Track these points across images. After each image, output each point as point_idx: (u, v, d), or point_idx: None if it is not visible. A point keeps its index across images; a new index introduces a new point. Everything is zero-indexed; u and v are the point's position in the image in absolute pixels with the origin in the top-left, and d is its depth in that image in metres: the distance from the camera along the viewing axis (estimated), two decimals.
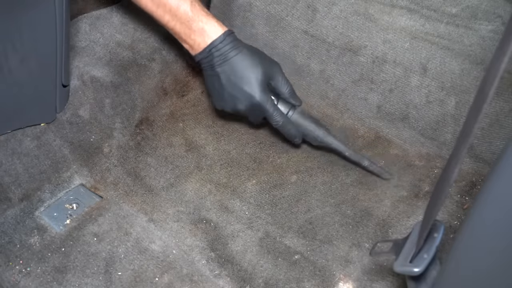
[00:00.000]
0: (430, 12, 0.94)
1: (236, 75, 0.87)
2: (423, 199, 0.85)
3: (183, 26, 0.88)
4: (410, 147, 0.94)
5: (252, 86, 0.87)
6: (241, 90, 0.87)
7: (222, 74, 0.88)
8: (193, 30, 0.88)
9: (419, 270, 0.57)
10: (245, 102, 0.88)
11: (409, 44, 0.95)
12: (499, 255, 0.45)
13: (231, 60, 0.88)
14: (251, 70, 0.87)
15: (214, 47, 0.88)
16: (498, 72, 0.39)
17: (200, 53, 0.89)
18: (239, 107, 0.89)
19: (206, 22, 0.88)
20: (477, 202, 0.45)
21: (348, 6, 1.01)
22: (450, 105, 0.91)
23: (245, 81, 0.87)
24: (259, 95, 0.87)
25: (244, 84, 0.87)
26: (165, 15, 0.89)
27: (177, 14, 0.88)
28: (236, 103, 0.89)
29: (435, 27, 0.93)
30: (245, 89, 0.87)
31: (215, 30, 0.88)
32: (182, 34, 0.89)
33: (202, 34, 0.88)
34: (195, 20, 0.88)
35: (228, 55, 0.88)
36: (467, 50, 0.91)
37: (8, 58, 0.82)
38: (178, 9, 0.87)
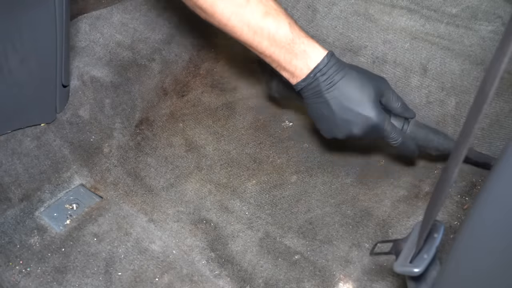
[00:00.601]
0: (430, 12, 0.94)
1: (348, 99, 0.79)
2: (423, 199, 0.85)
3: (283, 50, 0.80)
4: None
5: (366, 108, 0.79)
6: (355, 114, 0.80)
7: (332, 100, 0.80)
8: (295, 53, 0.79)
9: (419, 271, 0.57)
10: (362, 125, 0.80)
11: (409, 45, 0.95)
12: (499, 255, 0.45)
13: (339, 83, 0.80)
14: (362, 90, 0.80)
15: (319, 71, 0.79)
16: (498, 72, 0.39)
17: (303, 79, 0.80)
18: (355, 131, 0.81)
19: (307, 44, 0.80)
20: (477, 202, 0.45)
21: (348, 6, 1.01)
22: (450, 106, 0.91)
23: (358, 104, 0.79)
24: (376, 115, 0.80)
25: (358, 107, 0.79)
26: (263, 41, 0.80)
27: (276, 39, 0.79)
28: (351, 128, 0.81)
29: (435, 28, 0.93)
30: (360, 112, 0.79)
31: (318, 53, 0.80)
32: (282, 61, 0.81)
33: (304, 58, 0.80)
34: (296, 42, 0.79)
35: (335, 78, 0.79)
36: (467, 50, 0.91)
37: (8, 58, 0.82)
38: (277, 32, 0.79)
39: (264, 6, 0.80)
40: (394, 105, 0.83)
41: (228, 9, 0.80)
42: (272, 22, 0.79)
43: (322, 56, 0.79)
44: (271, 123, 1.02)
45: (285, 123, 1.03)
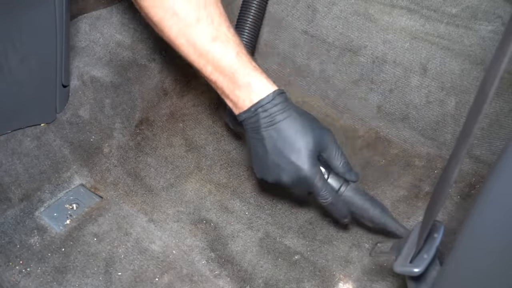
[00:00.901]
0: (430, 12, 0.94)
1: (284, 142, 0.75)
2: (423, 200, 0.85)
3: (227, 79, 0.77)
4: (410, 147, 0.94)
5: (300, 157, 0.74)
6: (287, 160, 0.75)
7: (268, 139, 0.76)
8: (238, 84, 0.76)
9: (419, 271, 0.57)
10: (291, 174, 0.75)
11: (409, 44, 0.95)
12: (499, 255, 0.46)
13: (279, 124, 0.75)
14: (300, 138, 0.75)
15: (260, 107, 0.75)
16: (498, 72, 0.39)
17: (244, 112, 0.76)
18: (284, 179, 0.76)
19: (253, 76, 0.76)
20: (477, 202, 0.45)
21: (348, 6, 1.01)
22: (450, 105, 0.91)
23: (293, 150, 0.75)
24: (308, 167, 0.74)
25: (292, 154, 0.75)
26: (208, 66, 0.77)
27: (221, 66, 0.76)
28: (280, 174, 0.76)
29: (435, 27, 0.93)
30: (292, 160, 0.74)
31: (263, 88, 0.76)
32: (225, 89, 0.78)
33: (247, 90, 0.76)
34: (240, 73, 0.76)
35: (276, 118, 0.75)
36: (467, 50, 0.91)
37: (8, 58, 0.82)
38: (222, 59, 0.76)
39: (214, 30, 0.76)
40: (336, 163, 0.77)
41: (176, 27, 0.77)
42: (219, 47, 0.76)
43: (267, 92, 0.75)
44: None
45: None
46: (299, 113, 0.77)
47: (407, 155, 0.93)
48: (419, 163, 0.91)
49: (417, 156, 0.93)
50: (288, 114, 0.76)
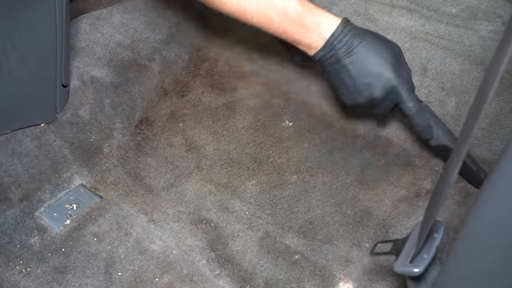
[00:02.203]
0: (430, 12, 0.94)
1: (367, 62, 0.81)
2: (423, 199, 0.85)
3: (296, 25, 0.82)
4: (411, 147, 0.94)
5: (386, 70, 0.81)
6: (375, 76, 0.81)
7: (351, 65, 0.82)
8: (308, 26, 0.82)
9: (419, 271, 0.57)
10: (382, 87, 0.81)
11: (409, 44, 0.95)
12: (500, 255, 0.46)
13: (357, 48, 0.81)
14: (380, 54, 0.81)
15: (335, 39, 0.81)
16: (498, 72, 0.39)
17: (321, 49, 0.82)
18: (375, 94, 0.82)
19: (319, 15, 0.82)
20: (477, 202, 0.45)
21: (348, 6, 1.01)
22: (450, 105, 0.91)
23: (377, 66, 0.81)
24: (395, 77, 0.81)
25: (378, 69, 0.81)
26: (274, 19, 0.82)
27: (287, 14, 0.81)
28: (372, 91, 0.82)
29: (435, 28, 0.93)
30: (380, 74, 0.81)
31: (331, 22, 0.82)
32: (296, 35, 0.83)
33: (318, 29, 0.82)
34: (307, 15, 0.82)
35: (352, 44, 0.81)
36: (467, 50, 0.91)
37: (8, 57, 0.82)
38: (286, 7, 0.81)
39: None
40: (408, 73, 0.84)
41: None
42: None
43: (336, 25, 0.81)
44: (271, 123, 1.02)
45: (285, 123, 1.03)
46: (371, 34, 0.83)
47: (407, 155, 0.93)
48: (419, 163, 0.91)
49: (417, 155, 0.93)
50: (361, 38, 0.81)
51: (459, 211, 0.82)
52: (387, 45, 0.83)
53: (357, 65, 0.81)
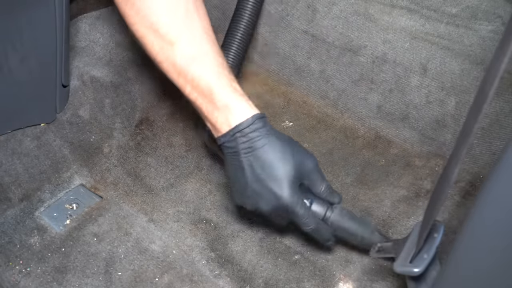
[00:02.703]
0: (430, 12, 0.94)
1: (263, 170, 0.72)
2: (423, 199, 0.85)
3: (206, 100, 0.74)
4: (410, 147, 0.94)
5: (280, 185, 0.71)
6: (267, 189, 0.72)
7: (247, 166, 0.72)
8: (217, 106, 0.73)
9: (419, 270, 0.57)
10: (271, 202, 0.72)
11: (409, 44, 0.95)
12: (499, 255, 0.46)
13: (258, 150, 0.72)
14: (281, 166, 0.72)
15: (239, 131, 0.72)
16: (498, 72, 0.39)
17: (223, 135, 0.73)
18: (263, 207, 0.73)
19: (233, 98, 0.73)
20: (477, 202, 0.45)
21: (348, 6, 1.01)
22: (450, 105, 0.91)
23: (272, 179, 0.71)
24: (288, 196, 0.71)
25: (272, 182, 0.71)
26: (186, 85, 0.75)
27: (199, 85, 0.74)
28: (259, 203, 0.73)
29: (435, 27, 0.93)
30: (272, 188, 0.71)
31: (242, 111, 0.73)
32: (203, 109, 0.75)
33: (226, 113, 0.73)
34: (219, 94, 0.73)
35: (255, 144, 0.72)
36: (467, 50, 0.91)
37: (8, 58, 0.82)
38: (200, 79, 0.74)
39: (194, 49, 0.75)
40: (318, 189, 0.76)
41: (157, 44, 0.76)
42: (198, 67, 0.74)
43: (246, 116, 0.72)
44: (271, 123, 1.01)
45: (285, 123, 1.02)
46: (280, 139, 0.74)
47: (407, 155, 0.93)
48: (419, 163, 0.91)
49: (417, 156, 0.93)
50: (268, 140, 0.73)
51: (459, 211, 0.82)
52: (295, 159, 0.73)
53: (253, 169, 0.72)
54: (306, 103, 1.04)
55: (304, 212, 0.73)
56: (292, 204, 0.72)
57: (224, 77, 0.74)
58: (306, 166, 0.74)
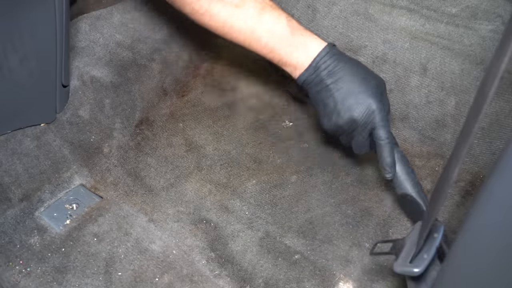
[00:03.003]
0: (430, 12, 0.94)
1: (349, 85, 0.79)
2: None
3: (284, 44, 0.81)
4: (410, 147, 0.94)
5: (368, 93, 0.79)
6: (356, 97, 0.79)
7: (333, 85, 0.80)
8: (295, 46, 0.81)
9: (419, 271, 0.57)
10: (362, 108, 0.78)
11: (409, 44, 0.95)
12: (499, 255, 0.45)
13: (341, 70, 0.80)
14: (364, 79, 0.80)
15: (321, 60, 0.80)
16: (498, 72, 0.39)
17: (306, 70, 0.81)
18: (355, 115, 0.79)
19: (307, 36, 0.81)
20: (477, 202, 0.45)
21: (348, 6, 1.01)
22: (450, 105, 0.91)
23: (359, 88, 0.79)
24: (376, 102, 0.79)
25: (359, 91, 0.79)
26: (262, 37, 0.81)
27: (275, 32, 0.81)
28: (352, 113, 0.79)
29: (435, 27, 0.93)
30: (361, 95, 0.79)
31: (318, 43, 0.81)
32: (282, 54, 0.82)
33: (305, 49, 0.80)
34: (295, 34, 0.81)
35: (337, 66, 0.80)
36: (467, 50, 0.91)
37: (8, 58, 0.82)
38: (275, 26, 0.81)
39: (259, 3, 0.81)
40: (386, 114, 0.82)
41: (224, 11, 0.81)
42: (269, 17, 0.81)
43: (323, 46, 0.80)
44: (271, 123, 1.02)
45: (285, 123, 1.03)
46: (354, 61, 0.82)
47: (407, 154, 0.93)
48: (419, 163, 0.91)
49: (417, 155, 0.93)
50: (347, 61, 0.81)
51: (459, 211, 0.82)
52: (372, 74, 0.82)
53: (339, 87, 0.80)
54: (306, 103, 1.04)
55: (386, 121, 0.80)
56: (379, 108, 0.79)
57: (292, 20, 0.82)
58: (381, 84, 0.82)
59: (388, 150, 0.80)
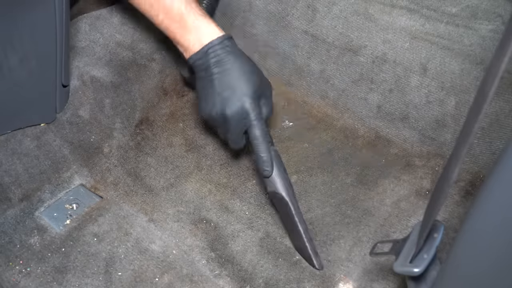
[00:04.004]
0: (430, 12, 0.94)
1: (231, 78, 0.82)
2: (423, 199, 0.85)
3: (178, 25, 0.85)
4: (410, 147, 0.94)
5: (246, 91, 0.82)
6: (233, 93, 0.82)
7: (216, 75, 0.83)
8: (188, 29, 0.84)
9: (419, 270, 0.57)
10: (235, 106, 0.81)
11: (409, 44, 0.95)
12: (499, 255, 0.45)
13: (228, 63, 0.83)
14: (247, 77, 0.83)
15: (210, 48, 0.83)
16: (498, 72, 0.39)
17: (195, 53, 0.84)
18: (227, 111, 0.82)
19: (202, 21, 0.85)
20: (477, 202, 0.45)
21: (348, 6, 1.01)
22: (450, 105, 0.91)
23: (239, 85, 0.82)
24: (251, 101, 0.82)
25: (238, 88, 0.82)
26: (159, 14, 0.86)
27: (171, 13, 0.85)
28: (225, 106, 0.82)
29: (435, 27, 0.93)
30: (238, 92, 0.82)
31: (212, 31, 0.84)
32: (176, 34, 0.86)
33: (198, 34, 0.84)
34: (190, 18, 0.84)
35: (225, 58, 0.83)
36: (467, 50, 0.91)
37: (8, 58, 0.82)
38: (171, 7, 0.85)
39: None
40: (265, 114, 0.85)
41: None
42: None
43: (216, 36, 0.83)
44: (271, 123, 1.02)
45: (285, 123, 1.03)
46: (246, 58, 0.85)
47: (407, 154, 0.93)
48: (419, 163, 0.91)
49: (417, 155, 0.93)
50: (237, 56, 0.83)
51: (459, 210, 0.82)
52: (259, 75, 0.85)
53: (221, 78, 0.82)
54: (306, 103, 1.04)
55: (259, 120, 0.83)
56: (253, 108, 0.82)
57: (192, 4, 0.86)
58: (266, 87, 0.86)
59: (263, 148, 0.82)
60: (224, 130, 0.86)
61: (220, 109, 0.83)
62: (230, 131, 0.84)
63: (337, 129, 0.99)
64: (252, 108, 0.82)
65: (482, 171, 0.87)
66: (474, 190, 0.84)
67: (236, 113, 0.82)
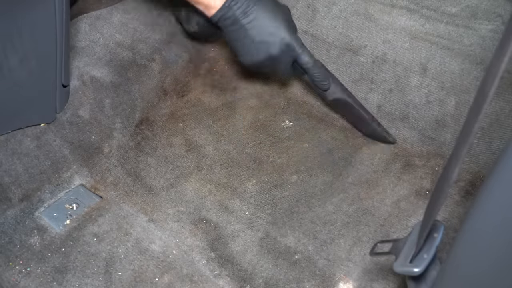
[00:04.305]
0: (430, 12, 0.94)
1: (263, 22, 0.87)
2: (423, 199, 0.85)
3: None
4: (410, 147, 0.94)
5: (281, 29, 0.87)
6: (271, 35, 0.87)
7: (248, 25, 0.87)
8: None
9: (419, 270, 0.57)
10: (278, 46, 0.87)
11: (409, 44, 0.95)
12: (499, 255, 0.45)
13: (253, 9, 0.87)
14: (275, 15, 0.87)
15: (233, 1, 0.86)
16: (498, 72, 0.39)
17: (219, 10, 0.87)
18: (272, 51, 0.88)
19: None
20: (477, 202, 0.45)
21: (348, 6, 1.01)
22: (450, 105, 0.91)
23: (273, 26, 0.87)
24: (289, 35, 0.88)
25: (274, 29, 0.87)
26: None
27: None
28: (268, 49, 0.88)
29: (435, 27, 0.93)
30: (276, 33, 0.87)
31: None
32: None
33: None
34: None
35: (249, 5, 0.87)
36: (467, 50, 0.91)
37: (8, 58, 0.82)
38: None
39: None
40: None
41: None
42: None
43: None
44: (271, 123, 1.02)
45: (285, 123, 1.03)
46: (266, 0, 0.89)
47: (407, 154, 0.93)
48: (419, 163, 0.91)
49: (417, 155, 0.93)
50: (257, 1, 0.87)
51: (459, 210, 0.82)
52: (280, 7, 0.90)
53: (254, 25, 0.87)
54: (306, 103, 1.04)
55: (303, 49, 0.89)
56: (293, 40, 0.88)
57: None
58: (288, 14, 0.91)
59: (317, 68, 0.90)
60: (273, 68, 0.92)
61: (264, 54, 0.88)
62: (280, 67, 0.91)
63: (337, 129, 0.99)
64: (294, 41, 0.88)
65: (482, 171, 0.87)
66: (474, 190, 0.84)
67: (282, 51, 0.88)
